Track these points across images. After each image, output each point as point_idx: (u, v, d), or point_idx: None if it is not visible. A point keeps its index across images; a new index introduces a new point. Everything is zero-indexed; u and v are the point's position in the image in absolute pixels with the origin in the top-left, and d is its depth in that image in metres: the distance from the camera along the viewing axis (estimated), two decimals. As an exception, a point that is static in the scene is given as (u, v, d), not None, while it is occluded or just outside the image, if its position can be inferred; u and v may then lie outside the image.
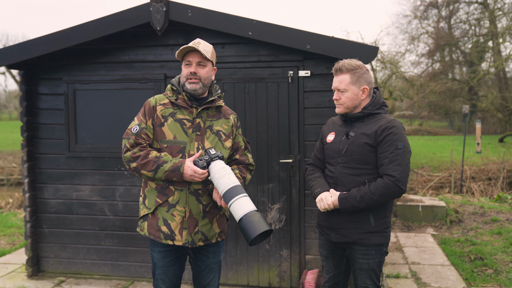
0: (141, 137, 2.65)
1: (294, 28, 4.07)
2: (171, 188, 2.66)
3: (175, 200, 2.66)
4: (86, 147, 4.80)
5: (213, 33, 4.44)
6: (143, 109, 2.73)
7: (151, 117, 2.69)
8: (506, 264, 5.12)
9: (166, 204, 2.66)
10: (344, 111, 2.85)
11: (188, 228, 2.67)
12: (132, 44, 4.69)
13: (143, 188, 2.79)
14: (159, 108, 2.71)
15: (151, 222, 2.70)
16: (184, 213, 2.66)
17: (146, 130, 2.67)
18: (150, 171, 2.58)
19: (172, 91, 2.77)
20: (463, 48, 29.89)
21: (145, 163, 2.58)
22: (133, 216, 4.78)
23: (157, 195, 2.68)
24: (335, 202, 2.73)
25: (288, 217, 4.51)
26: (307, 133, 4.44)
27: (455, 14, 29.72)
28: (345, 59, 2.87)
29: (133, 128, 2.68)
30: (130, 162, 2.63)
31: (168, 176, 2.56)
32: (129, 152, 2.63)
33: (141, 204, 2.78)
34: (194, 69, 2.68)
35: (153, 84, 4.64)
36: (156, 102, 2.73)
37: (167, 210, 2.66)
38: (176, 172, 2.55)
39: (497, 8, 26.88)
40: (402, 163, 2.64)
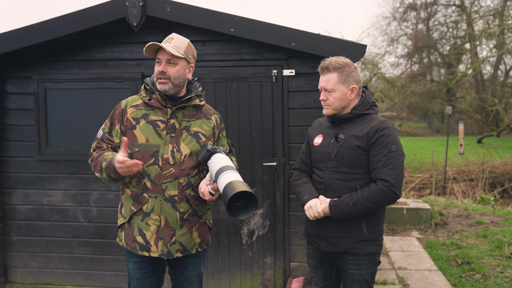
0: (103, 141, 2.53)
1: (278, 25, 3.88)
2: (144, 195, 2.45)
3: (149, 208, 2.44)
4: (58, 149, 4.52)
5: (193, 30, 4.22)
6: (112, 112, 2.58)
7: (120, 121, 2.51)
8: (494, 269, 5.02)
9: (140, 212, 2.46)
10: (332, 112, 2.66)
11: (163, 238, 2.46)
12: (107, 41, 4.43)
13: (120, 196, 2.60)
14: (130, 111, 2.52)
15: (127, 232, 2.50)
16: (159, 222, 2.45)
17: (108, 135, 2.53)
18: (98, 171, 2.44)
19: (145, 90, 2.57)
20: (441, 50, 30.23)
21: (95, 165, 2.46)
22: (108, 222, 4.52)
23: (132, 203, 2.48)
24: (326, 210, 2.54)
25: (272, 223, 4.31)
26: (291, 134, 4.25)
27: (433, 16, 30.06)
28: (331, 57, 2.68)
29: (98, 133, 2.57)
30: (91, 166, 2.52)
31: (107, 173, 2.38)
32: (90, 156, 2.55)
33: (119, 212, 2.59)
34: (163, 68, 2.47)
35: (129, 83, 4.39)
36: (127, 105, 2.54)
37: (142, 219, 2.45)
38: (110, 167, 2.35)
39: (473, 11, 27.25)
40: (396, 167, 2.46)
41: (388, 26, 34.86)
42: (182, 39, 2.56)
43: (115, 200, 4.50)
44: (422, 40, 28.93)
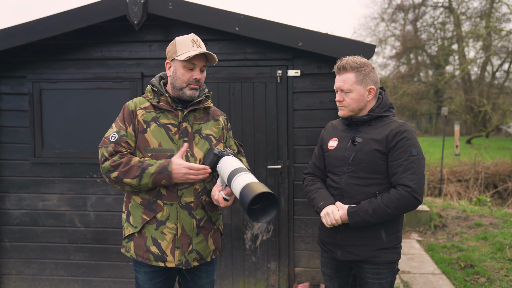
0: (120, 145, 2.30)
1: (285, 24, 3.77)
2: (159, 202, 2.31)
3: (164, 216, 2.31)
4: (54, 152, 4.35)
5: (194, 28, 4.09)
6: (122, 114, 2.39)
7: (131, 123, 2.34)
8: (497, 272, 4.97)
9: (154, 221, 2.32)
10: (348, 114, 2.55)
11: (181, 247, 2.33)
12: (105, 39, 4.28)
13: (126, 204, 2.42)
14: (140, 113, 2.36)
15: (138, 242, 2.34)
16: (176, 230, 2.32)
17: (127, 138, 2.32)
18: (135, 177, 2.22)
19: (153, 92, 2.42)
20: (430, 51, 30.43)
21: (128, 170, 2.23)
22: (107, 227, 4.37)
23: (143, 211, 2.33)
24: (344, 217, 2.43)
25: (276, 227, 4.20)
26: (296, 137, 4.15)
27: (421, 17, 30.24)
28: (348, 56, 2.57)
29: (111, 136, 2.32)
30: (110, 172, 2.26)
31: (156, 180, 2.21)
32: (108, 161, 2.26)
33: (125, 221, 2.41)
34: (199, 75, 2.37)
35: (128, 84, 4.24)
36: (136, 106, 2.38)
37: (156, 227, 2.31)
38: (164, 173, 2.20)
39: (461, 13, 27.47)
40: (418, 171, 2.36)
41: (376, 27, 35.07)
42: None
43: (114, 204, 4.35)
44: (411, 41, 29.09)
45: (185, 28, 4.16)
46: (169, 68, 2.41)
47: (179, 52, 2.34)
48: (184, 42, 2.36)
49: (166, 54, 2.45)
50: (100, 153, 2.32)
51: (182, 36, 2.39)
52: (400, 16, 30.71)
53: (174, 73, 2.37)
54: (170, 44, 2.41)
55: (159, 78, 2.50)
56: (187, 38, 2.38)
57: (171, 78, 2.39)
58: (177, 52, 2.35)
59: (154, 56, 4.24)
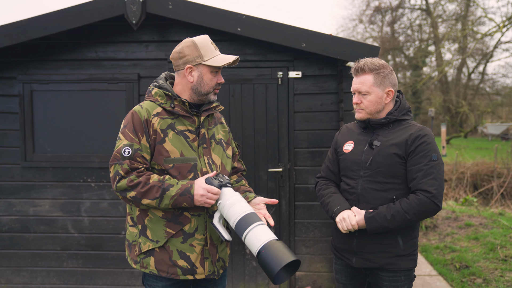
0: (136, 161, 2.11)
1: (288, 25, 3.71)
2: (186, 215, 2.17)
3: (193, 228, 2.18)
4: (46, 156, 4.19)
5: (192, 28, 4.00)
6: (131, 123, 2.15)
7: (145, 133, 2.13)
8: (492, 272, 5.01)
9: (180, 233, 2.18)
10: (366, 116, 2.49)
11: (210, 257, 2.24)
12: (99, 39, 4.15)
13: (139, 217, 2.23)
14: (156, 121, 2.16)
15: (161, 257, 2.19)
16: (205, 241, 2.22)
17: (142, 152, 2.12)
18: (154, 198, 2.06)
19: (165, 96, 2.23)
20: (408, 52, 30.85)
21: (147, 190, 2.06)
22: (101, 233, 4.23)
23: (166, 225, 2.18)
24: (361, 222, 2.36)
25: (277, 231, 4.13)
26: (297, 139, 4.09)
27: (399, 19, 30.66)
28: (366, 58, 2.52)
29: (124, 150, 2.10)
30: (127, 191, 2.07)
31: (177, 202, 2.07)
32: (124, 180, 2.07)
33: (138, 236, 2.23)
34: (222, 79, 2.29)
35: (124, 85, 4.12)
36: (148, 114, 2.16)
37: (183, 240, 2.18)
38: (186, 196, 2.05)
39: (437, 15, 27.95)
40: (438, 177, 2.32)
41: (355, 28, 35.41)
42: None
43: (109, 210, 4.22)
44: (389, 42, 29.44)
45: (183, 29, 4.07)
46: (190, 73, 2.22)
47: (207, 57, 2.19)
48: (207, 45, 2.23)
49: (179, 57, 2.21)
50: (114, 171, 2.10)
51: (199, 38, 2.24)
52: (378, 18, 31.09)
53: (200, 79, 2.21)
54: (187, 46, 2.21)
55: (164, 79, 2.34)
56: (207, 41, 2.24)
57: (196, 83, 2.22)
58: (203, 57, 2.19)
59: (151, 57, 4.13)
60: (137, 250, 2.23)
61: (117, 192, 2.12)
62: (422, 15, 29.45)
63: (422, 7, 28.93)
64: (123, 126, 2.20)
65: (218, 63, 2.17)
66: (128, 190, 2.08)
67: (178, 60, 2.25)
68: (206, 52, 2.20)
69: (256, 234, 2.01)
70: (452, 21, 27.52)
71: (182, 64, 2.23)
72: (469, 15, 26.93)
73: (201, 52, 2.20)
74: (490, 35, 24.24)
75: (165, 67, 4.12)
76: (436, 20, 27.60)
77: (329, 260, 4.12)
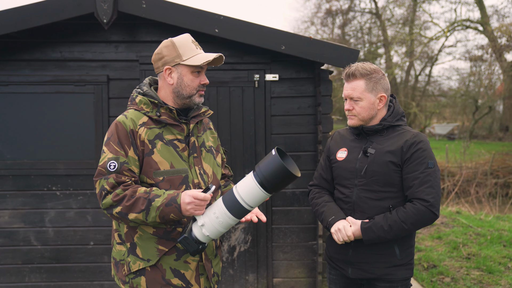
0: (123, 175, 1.95)
1: (267, 27, 3.62)
2: (179, 230, 2.03)
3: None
4: (6, 163, 3.90)
5: (166, 29, 3.84)
6: (115, 135, 1.99)
7: (132, 145, 1.98)
8: (458, 271, 5.15)
9: (174, 250, 2.03)
10: (358, 123, 2.43)
11: (205, 273, 2.11)
12: (65, 38, 3.91)
13: (127, 234, 2.06)
14: (143, 131, 2.00)
15: (152, 276, 2.03)
16: (200, 256, 2.08)
17: (129, 165, 1.96)
18: (140, 211, 1.89)
19: (150, 104, 2.07)
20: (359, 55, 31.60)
21: (133, 203, 1.90)
22: (68, 244, 3.98)
23: (157, 242, 2.02)
24: (357, 233, 2.30)
25: (254, 238, 4.04)
26: (274, 143, 4.02)
27: (350, 22, 31.37)
28: (357, 63, 2.46)
29: (109, 164, 1.94)
30: (113, 208, 1.91)
31: (163, 213, 1.88)
32: (110, 195, 1.92)
33: (126, 255, 2.07)
34: (207, 79, 2.12)
35: (93, 87, 3.90)
36: (134, 124, 2.00)
37: (177, 258, 2.03)
38: (173, 205, 1.87)
39: (386, 19, 28.83)
40: (435, 184, 2.29)
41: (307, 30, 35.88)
42: None
43: (76, 219, 3.97)
44: (342, 45, 30.02)
45: (156, 29, 3.90)
46: (169, 75, 2.07)
47: (186, 56, 2.05)
48: (186, 44, 2.08)
49: (158, 58, 2.09)
50: (99, 186, 1.94)
51: (179, 37, 2.09)
52: (330, 21, 31.68)
53: (180, 80, 2.06)
54: (165, 47, 2.08)
55: (148, 85, 2.17)
56: (187, 40, 2.10)
57: (176, 85, 2.07)
58: (182, 56, 2.04)
59: (121, 58, 3.93)
60: (126, 270, 2.06)
61: (104, 210, 1.95)
62: (372, 19, 30.28)
63: (372, 10, 29.73)
64: (106, 138, 2.02)
65: (197, 62, 2.02)
66: (114, 205, 1.91)
67: (157, 62, 2.10)
68: (184, 51, 2.05)
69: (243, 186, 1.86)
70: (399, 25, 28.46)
71: (161, 66, 2.08)
72: (416, 20, 27.95)
73: (180, 51, 2.05)
74: (436, 39, 25.23)
75: (136, 69, 3.93)
76: (385, 24, 28.44)
77: (307, 266, 4.08)
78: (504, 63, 19.84)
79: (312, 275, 4.07)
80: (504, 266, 5.26)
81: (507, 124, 25.52)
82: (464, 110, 27.85)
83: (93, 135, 3.89)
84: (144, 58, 3.91)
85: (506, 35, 17.22)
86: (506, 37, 17.26)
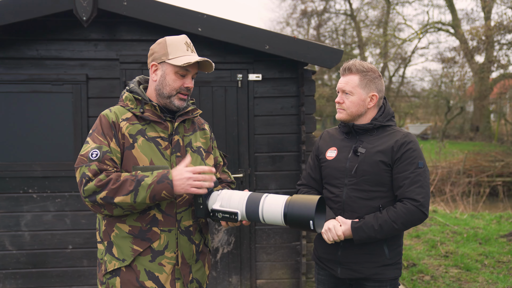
0: (105, 164, 1.91)
1: (252, 26, 3.59)
2: (154, 230, 1.97)
3: (162, 245, 1.98)
4: (-21, 165, 3.75)
5: (148, 27, 3.77)
6: (99, 126, 1.99)
7: (114, 137, 1.96)
8: (437, 269, 5.22)
9: (149, 251, 1.98)
10: (346, 117, 2.42)
11: (182, 277, 2.04)
12: (41, 36, 3.79)
13: (105, 232, 2.02)
14: (124, 125, 1.99)
15: (127, 277, 1.97)
16: (176, 260, 2.02)
17: (111, 155, 1.93)
18: (129, 192, 1.84)
19: (135, 101, 2.05)
20: (337, 56, 31.84)
21: (120, 186, 1.85)
22: (45, 248, 3.86)
23: (132, 241, 1.97)
24: (347, 232, 2.29)
25: (237, 239, 4.00)
26: (258, 144, 3.98)
27: (326, 23, 31.63)
28: (356, 59, 2.46)
29: (91, 153, 1.92)
30: (96, 194, 1.85)
31: (154, 192, 1.85)
32: (92, 181, 1.86)
33: (104, 254, 2.02)
34: (191, 83, 2.07)
35: (71, 87, 3.79)
36: (117, 117, 2.00)
37: (152, 259, 1.98)
38: (165, 182, 1.85)
39: (360, 20, 29.19)
40: (424, 184, 2.30)
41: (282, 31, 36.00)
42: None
43: (54, 222, 3.86)
44: (316, 46, 30.22)
45: (137, 27, 3.82)
46: (154, 72, 2.07)
47: (172, 55, 2.02)
48: (177, 44, 2.05)
49: (150, 54, 2.10)
50: (80, 173, 1.89)
51: (172, 37, 2.08)
52: (305, 22, 31.88)
53: (163, 78, 2.04)
54: (157, 43, 2.08)
55: (137, 83, 2.16)
56: (180, 40, 2.07)
57: (158, 83, 2.05)
58: (168, 55, 2.03)
59: (100, 56, 3.83)
60: (103, 269, 2.02)
61: (85, 198, 1.88)
62: (347, 20, 30.61)
63: (347, 12, 30.05)
64: (91, 131, 2.02)
65: (178, 62, 1.99)
66: (98, 191, 1.85)
67: (149, 57, 2.11)
68: (173, 50, 2.03)
69: (271, 202, 1.86)
70: (374, 26, 28.87)
71: (150, 62, 2.09)
72: (390, 22, 28.39)
73: (168, 49, 2.03)
74: (410, 41, 25.67)
75: (117, 68, 3.84)
76: (360, 25, 28.80)
77: (291, 267, 4.06)
78: (475, 65, 20.33)
79: (295, 276, 4.06)
80: (480, 264, 5.37)
81: (477, 124, 26.14)
82: (437, 111, 28.44)
83: (71, 135, 3.79)
84: (124, 57, 3.83)
85: (477, 37, 17.63)
86: (476, 39, 17.68)
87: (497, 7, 24.96)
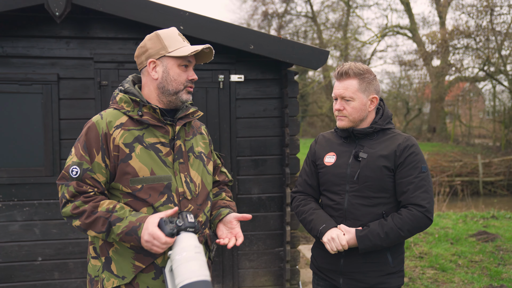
0: (84, 183, 1.77)
1: (236, 25, 3.46)
2: None
3: (166, 260, 1.82)
4: None
5: (125, 25, 3.56)
6: (84, 137, 1.80)
7: (101, 150, 1.78)
8: (413, 270, 5.24)
9: (152, 268, 1.81)
10: (348, 124, 2.32)
11: None
12: (6, 32, 3.51)
13: (103, 248, 1.85)
14: (118, 134, 1.80)
15: None
16: None
17: (92, 173, 1.77)
18: (100, 232, 1.73)
19: (131, 102, 1.86)
20: (295, 57, 32.10)
21: (92, 222, 1.73)
22: (12, 261, 3.58)
23: (134, 257, 1.80)
24: (351, 242, 2.18)
25: (219, 246, 3.85)
26: (240, 147, 3.85)
27: (287, 25, 31.82)
28: (350, 62, 2.36)
29: (71, 169, 1.77)
30: (72, 219, 1.75)
31: (123, 240, 1.73)
32: (69, 205, 1.74)
33: (101, 271, 1.85)
34: (195, 75, 1.92)
35: (41, 87, 3.53)
36: (108, 126, 1.80)
37: (155, 276, 1.81)
38: (133, 236, 1.70)
39: (321, 23, 29.56)
40: (429, 189, 2.23)
41: (244, 33, 35.92)
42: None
43: (21, 233, 3.58)
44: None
45: (111, 25, 3.61)
46: (154, 69, 1.87)
47: (172, 48, 1.85)
48: (172, 36, 1.88)
49: (142, 52, 1.89)
50: (60, 192, 1.76)
51: (164, 30, 1.91)
52: (266, 23, 31.94)
53: (166, 74, 1.86)
54: (149, 39, 1.89)
55: (132, 83, 1.96)
56: (173, 32, 1.90)
57: (161, 80, 1.87)
58: (167, 48, 1.85)
59: (73, 55, 3.59)
60: (100, 286, 1.82)
61: (64, 217, 1.77)
62: (308, 22, 30.90)
63: (308, 14, 30.34)
64: (79, 137, 1.83)
65: (184, 52, 1.82)
66: (74, 217, 1.74)
67: (141, 56, 1.90)
68: (170, 43, 1.86)
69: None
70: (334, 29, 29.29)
71: (145, 60, 1.88)
72: (350, 25, 28.88)
73: (165, 43, 1.86)
74: (370, 44, 26.18)
75: (90, 67, 3.61)
76: (321, 28, 29.14)
77: (274, 273, 3.94)
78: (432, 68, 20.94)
79: (279, 283, 3.94)
80: (455, 264, 5.43)
81: (434, 126, 26.97)
82: (396, 112, 29.14)
83: (41, 139, 3.53)
84: (99, 56, 3.60)
85: (436, 41, 18.15)
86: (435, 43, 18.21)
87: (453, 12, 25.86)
